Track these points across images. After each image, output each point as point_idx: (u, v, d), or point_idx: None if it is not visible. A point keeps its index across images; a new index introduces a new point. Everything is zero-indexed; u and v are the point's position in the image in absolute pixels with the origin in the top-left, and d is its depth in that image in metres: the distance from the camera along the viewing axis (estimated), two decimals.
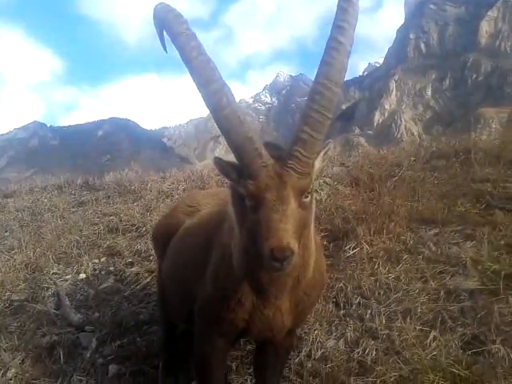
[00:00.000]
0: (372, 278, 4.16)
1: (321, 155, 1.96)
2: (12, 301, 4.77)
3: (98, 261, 5.53)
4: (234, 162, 1.92)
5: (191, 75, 1.89)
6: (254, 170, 1.78)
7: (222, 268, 2.25)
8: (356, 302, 3.93)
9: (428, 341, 3.31)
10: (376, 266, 4.29)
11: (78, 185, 8.71)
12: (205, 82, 1.85)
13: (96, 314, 4.43)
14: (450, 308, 3.63)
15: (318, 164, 1.96)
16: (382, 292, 3.97)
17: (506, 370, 2.91)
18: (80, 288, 4.99)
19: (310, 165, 1.84)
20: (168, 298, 3.12)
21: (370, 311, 3.78)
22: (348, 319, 3.76)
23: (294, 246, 1.71)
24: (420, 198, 5.42)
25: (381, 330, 3.54)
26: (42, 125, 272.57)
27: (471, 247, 4.38)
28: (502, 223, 4.54)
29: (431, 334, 3.38)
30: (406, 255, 4.41)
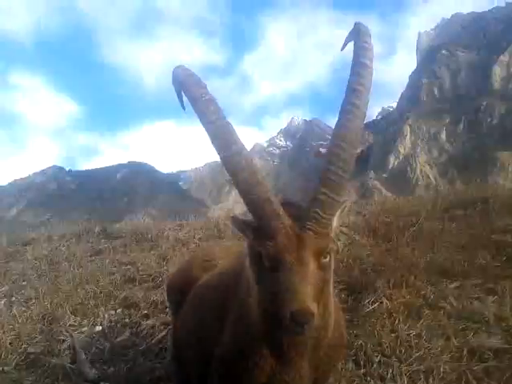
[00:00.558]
0: (392, 335, 4.05)
1: (337, 214, 1.96)
2: (28, 353, 4.72)
3: (114, 312, 5.49)
4: (251, 220, 1.94)
5: (210, 138, 1.95)
6: (273, 231, 1.80)
7: (239, 327, 2.21)
8: (376, 360, 3.80)
9: None
10: (396, 322, 4.18)
11: (95, 233, 8.79)
12: (224, 145, 1.90)
13: (111, 369, 4.36)
14: (474, 368, 3.49)
15: (335, 223, 1.96)
16: (403, 350, 3.85)
17: None
18: (96, 341, 4.93)
19: (329, 225, 1.86)
20: (184, 355, 3.05)
21: (391, 370, 3.64)
22: (369, 379, 3.63)
23: (315, 309, 1.71)
24: (439, 250, 5.35)
25: None
26: (60, 169, 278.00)
27: (493, 302, 4.29)
28: None
29: None
30: (426, 310, 4.31)
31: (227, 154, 1.89)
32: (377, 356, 3.86)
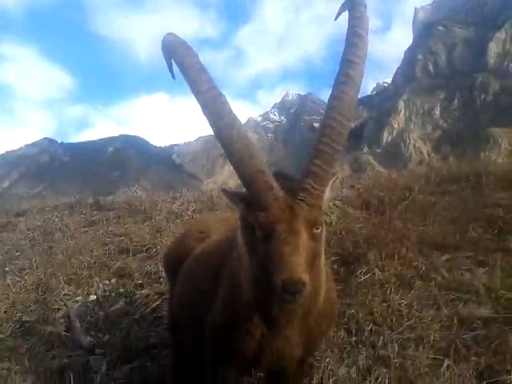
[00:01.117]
0: (384, 305, 4.11)
1: (329, 186, 1.95)
2: (23, 322, 4.77)
3: (108, 282, 5.52)
4: (241, 192, 1.95)
5: (202, 109, 1.91)
6: (265, 202, 1.80)
7: (231, 296, 2.24)
8: (368, 328, 3.86)
9: (442, 370, 3.26)
10: (388, 292, 4.24)
11: (88, 204, 8.76)
12: (216, 116, 1.87)
13: (106, 337, 4.41)
14: (464, 336, 3.57)
15: (327, 195, 1.95)
16: (394, 319, 3.92)
17: None
18: (90, 310, 4.98)
19: (321, 197, 1.85)
20: (179, 323, 3.09)
21: (382, 338, 3.71)
22: (360, 346, 3.69)
23: (306, 279, 1.71)
24: (431, 223, 5.39)
25: (393, 358, 3.47)
26: (52, 141, 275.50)
27: (484, 274, 4.35)
28: None
29: (445, 362, 3.32)
30: (418, 281, 4.37)
31: (219, 124, 1.86)
32: (368, 324, 3.92)
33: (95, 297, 5.22)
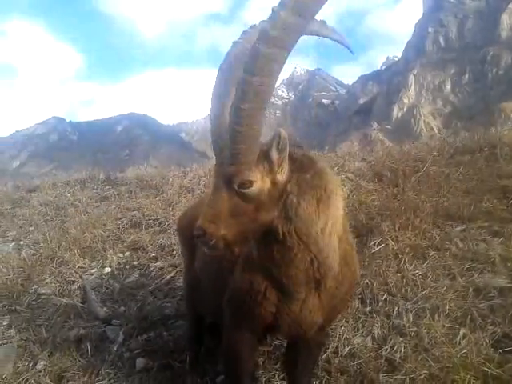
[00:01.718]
0: (398, 275, 4.12)
1: (274, 145, 1.94)
2: (39, 294, 4.85)
3: (122, 255, 5.59)
4: None
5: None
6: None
7: (249, 259, 2.26)
8: (382, 298, 3.89)
9: (458, 339, 3.27)
10: (402, 263, 4.25)
11: (100, 180, 8.80)
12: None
13: (122, 308, 4.48)
14: (480, 305, 3.58)
15: (274, 155, 1.96)
16: (408, 289, 3.93)
17: None
18: (105, 282, 5.04)
19: (239, 156, 1.89)
20: (200, 290, 3.10)
21: (396, 308, 3.74)
22: (375, 316, 3.72)
23: (208, 227, 1.90)
24: (445, 194, 5.36)
25: (409, 327, 3.50)
26: (61, 120, 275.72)
27: (499, 244, 4.34)
28: None
29: (460, 331, 3.33)
30: (432, 252, 4.36)
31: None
32: (382, 295, 3.94)
33: (110, 269, 5.29)
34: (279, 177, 1.98)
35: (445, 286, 3.86)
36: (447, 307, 3.61)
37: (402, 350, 3.29)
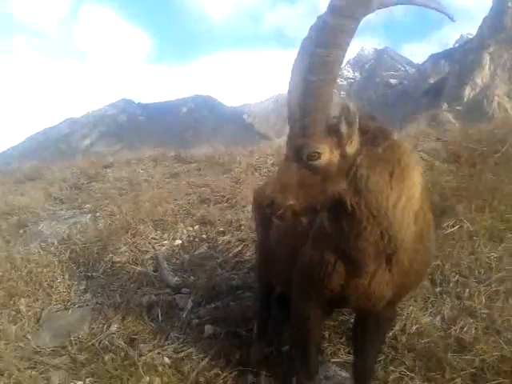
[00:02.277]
0: (472, 257, 4.00)
1: (342, 118, 1.94)
2: (114, 262, 5.14)
3: (191, 228, 5.78)
4: None
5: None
6: None
7: (321, 230, 2.28)
8: (454, 280, 3.80)
9: None
10: (476, 245, 4.12)
11: (170, 157, 9.08)
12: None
13: (191, 278, 4.67)
14: None
15: (343, 128, 1.95)
16: (482, 271, 3.82)
17: None
18: (176, 253, 5.26)
19: (309, 127, 1.93)
20: (273, 262, 3.16)
21: (468, 290, 3.65)
22: (445, 297, 3.65)
23: (277, 198, 1.99)
24: None
25: (480, 309, 3.42)
26: (130, 101, 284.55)
27: None
28: None
29: None
30: (509, 234, 4.20)
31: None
32: (454, 276, 3.85)
33: (180, 241, 5.50)
34: (348, 149, 1.98)
35: None
36: None
37: (473, 331, 3.23)
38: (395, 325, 3.41)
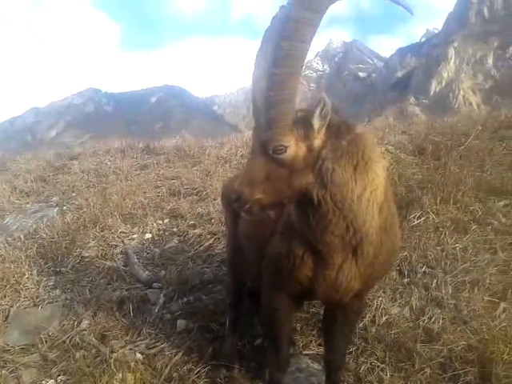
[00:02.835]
0: (438, 248, 4.10)
1: (317, 112, 1.94)
2: (82, 257, 5.04)
3: (162, 222, 5.71)
4: None
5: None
6: None
7: (288, 224, 2.29)
8: (421, 270, 3.89)
9: (497, 312, 3.28)
10: (442, 236, 4.22)
11: (139, 149, 8.93)
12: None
13: (162, 272, 4.62)
14: None
15: (316, 122, 1.96)
16: (448, 262, 3.92)
17: None
18: (146, 247, 5.20)
19: (276, 121, 1.92)
20: (242, 256, 3.17)
21: (435, 280, 3.74)
22: (413, 287, 3.73)
23: (244, 192, 1.99)
24: (489, 169, 5.26)
25: (447, 299, 3.51)
26: (97, 91, 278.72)
27: None
28: None
29: (501, 305, 3.34)
30: (474, 226, 4.32)
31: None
32: (421, 267, 3.94)
33: (150, 235, 5.43)
34: (315, 143, 1.99)
35: (485, 260, 3.84)
36: (487, 281, 3.61)
37: (440, 321, 3.32)
38: (365, 316, 3.47)
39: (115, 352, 3.39)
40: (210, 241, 5.09)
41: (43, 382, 3.28)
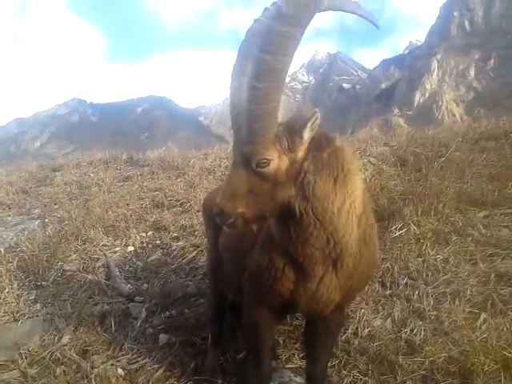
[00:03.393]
0: (419, 259, 4.12)
1: (309, 125, 1.95)
2: (64, 270, 4.96)
3: (145, 234, 5.68)
4: None
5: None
6: None
7: (268, 237, 2.29)
8: (403, 282, 3.90)
9: (478, 323, 3.28)
10: (423, 247, 4.24)
11: (122, 160, 8.90)
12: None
13: (145, 286, 4.57)
14: (501, 291, 3.57)
15: (306, 135, 1.97)
16: (429, 273, 3.93)
17: None
18: (129, 260, 5.15)
19: (258, 135, 1.92)
20: (223, 269, 3.16)
21: (417, 292, 3.74)
22: (395, 299, 3.74)
23: (226, 206, 1.97)
24: (469, 180, 5.32)
25: (429, 310, 3.51)
26: (81, 101, 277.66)
27: None
28: None
29: (481, 316, 3.34)
30: (454, 237, 4.35)
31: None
32: (403, 278, 3.95)
33: (133, 248, 5.39)
34: (297, 155, 1.99)
35: (466, 272, 3.86)
36: (468, 292, 3.61)
37: (422, 333, 3.31)
38: (348, 328, 3.47)
39: (96, 368, 3.33)
40: (193, 253, 5.06)
41: None
